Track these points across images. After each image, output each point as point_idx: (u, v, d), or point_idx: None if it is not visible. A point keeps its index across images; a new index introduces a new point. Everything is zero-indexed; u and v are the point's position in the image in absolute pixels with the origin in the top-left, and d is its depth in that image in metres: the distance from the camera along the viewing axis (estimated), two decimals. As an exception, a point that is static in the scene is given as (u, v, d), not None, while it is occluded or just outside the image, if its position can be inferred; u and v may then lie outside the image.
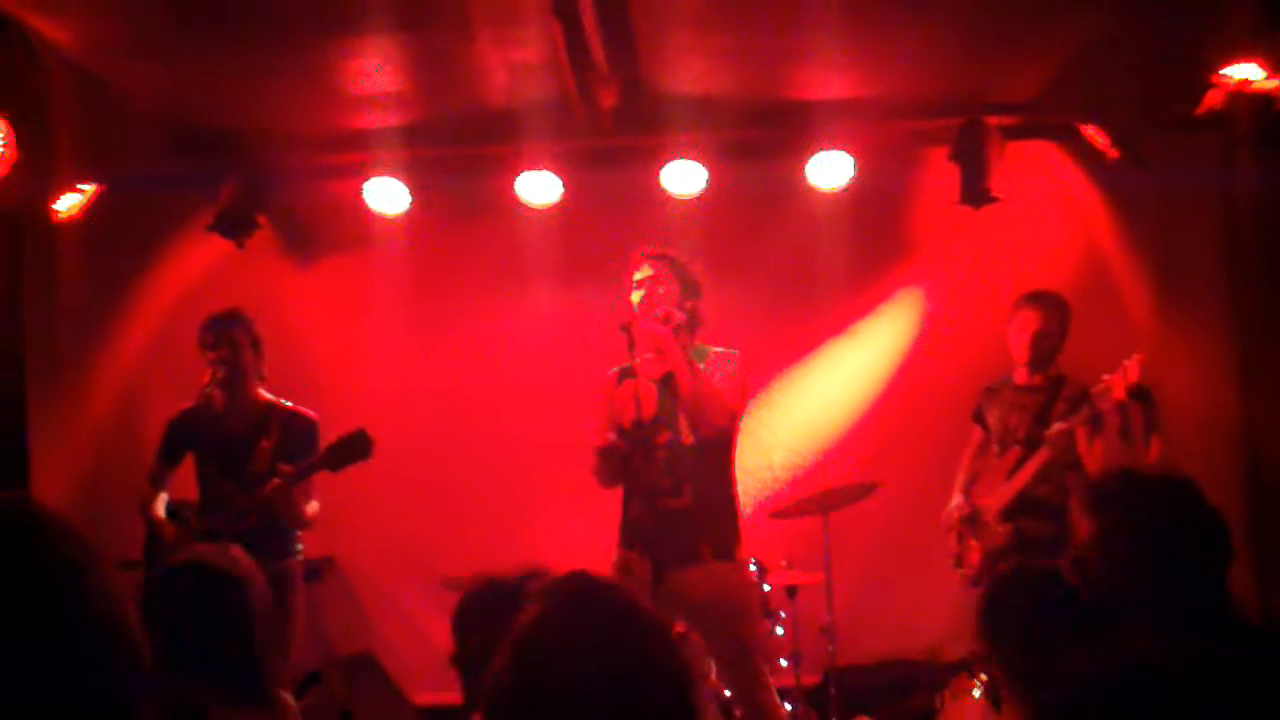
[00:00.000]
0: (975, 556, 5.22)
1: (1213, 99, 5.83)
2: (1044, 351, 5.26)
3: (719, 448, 4.60)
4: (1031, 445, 5.15)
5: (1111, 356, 5.95)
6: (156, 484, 5.10)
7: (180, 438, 5.15)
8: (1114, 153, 6.30)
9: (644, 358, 4.58)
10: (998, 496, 5.21)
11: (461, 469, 6.75)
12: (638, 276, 4.67)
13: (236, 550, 2.99)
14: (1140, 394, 4.88)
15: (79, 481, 6.42)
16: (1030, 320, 5.27)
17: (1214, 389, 6.43)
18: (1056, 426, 5.07)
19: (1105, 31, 5.64)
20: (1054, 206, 6.85)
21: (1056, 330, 5.28)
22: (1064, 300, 5.35)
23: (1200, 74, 5.79)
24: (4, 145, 5.34)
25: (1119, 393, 4.86)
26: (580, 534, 5.39)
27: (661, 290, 4.60)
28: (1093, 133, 6.40)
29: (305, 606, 5.15)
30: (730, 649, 4.54)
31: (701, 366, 4.57)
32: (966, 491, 5.38)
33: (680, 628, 5.03)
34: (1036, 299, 5.31)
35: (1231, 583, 2.58)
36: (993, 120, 6.41)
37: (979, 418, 5.42)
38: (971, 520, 5.29)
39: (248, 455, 4.97)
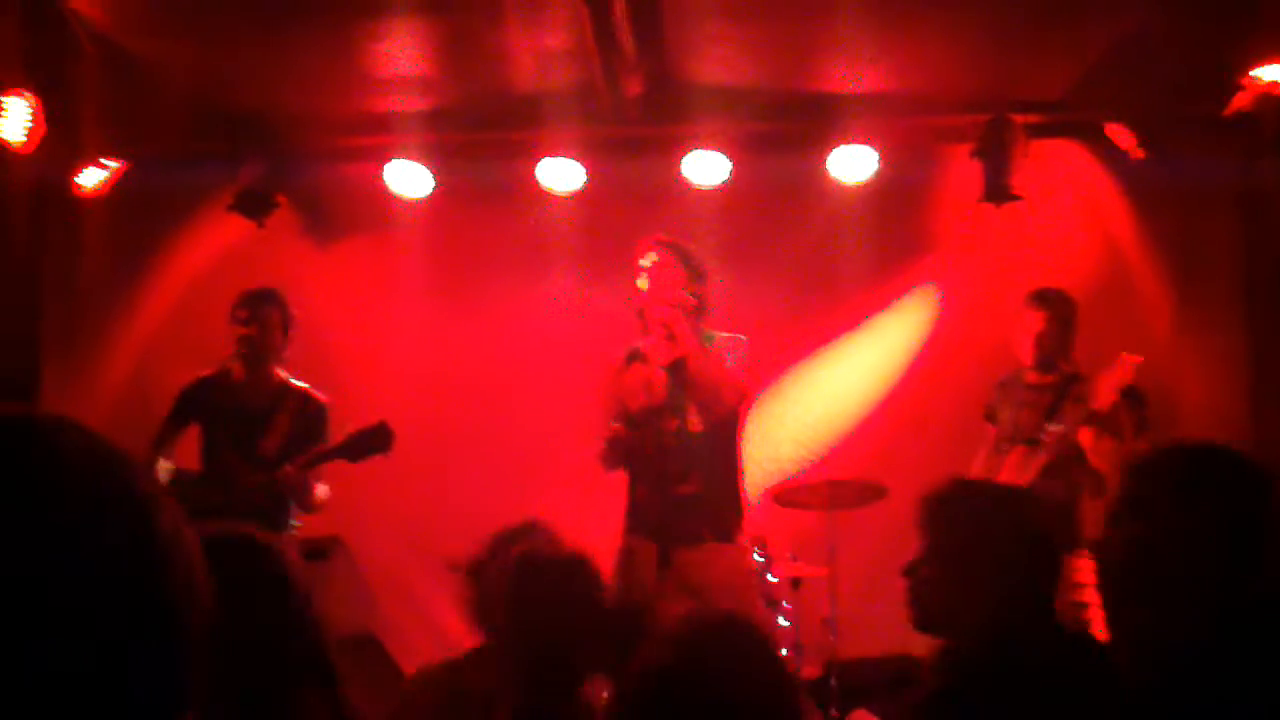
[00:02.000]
0: None
1: (1240, 100, 5.79)
2: (1048, 351, 5.22)
3: (726, 434, 4.64)
4: (1037, 444, 5.13)
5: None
6: (159, 447, 5.04)
7: (192, 404, 5.14)
8: (1138, 153, 6.27)
9: (654, 343, 4.63)
10: None
11: (472, 452, 6.75)
12: (644, 263, 4.73)
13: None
14: (1130, 394, 4.85)
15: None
16: (1034, 320, 5.23)
17: (1226, 393, 6.39)
18: (1050, 429, 5.05)
19: (1134, 30, 5.61)
20: (1075, 206, 6.81)
21: (1059, 329, 5.22)
22: (1068, 297, 5.30)
23: (1228, 75, 5.75)
24: (31, 120, 5.37)
25: (1110, 393, 4.84)
26: (589, 519, 5.40)
27: (666, 276, 4.64)
28: (1117, 132, 6.37)
29: None
30: None
31: (711, 349, 4.62)
32: None
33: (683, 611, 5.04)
34: (1040, 298, 5.27)
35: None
36: (1018, 118, 6.38)
37: (991, 415, 5.38)
38: None
39: (260, 433, 5.00)
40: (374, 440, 4.70)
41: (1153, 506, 2.15)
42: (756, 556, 5.52)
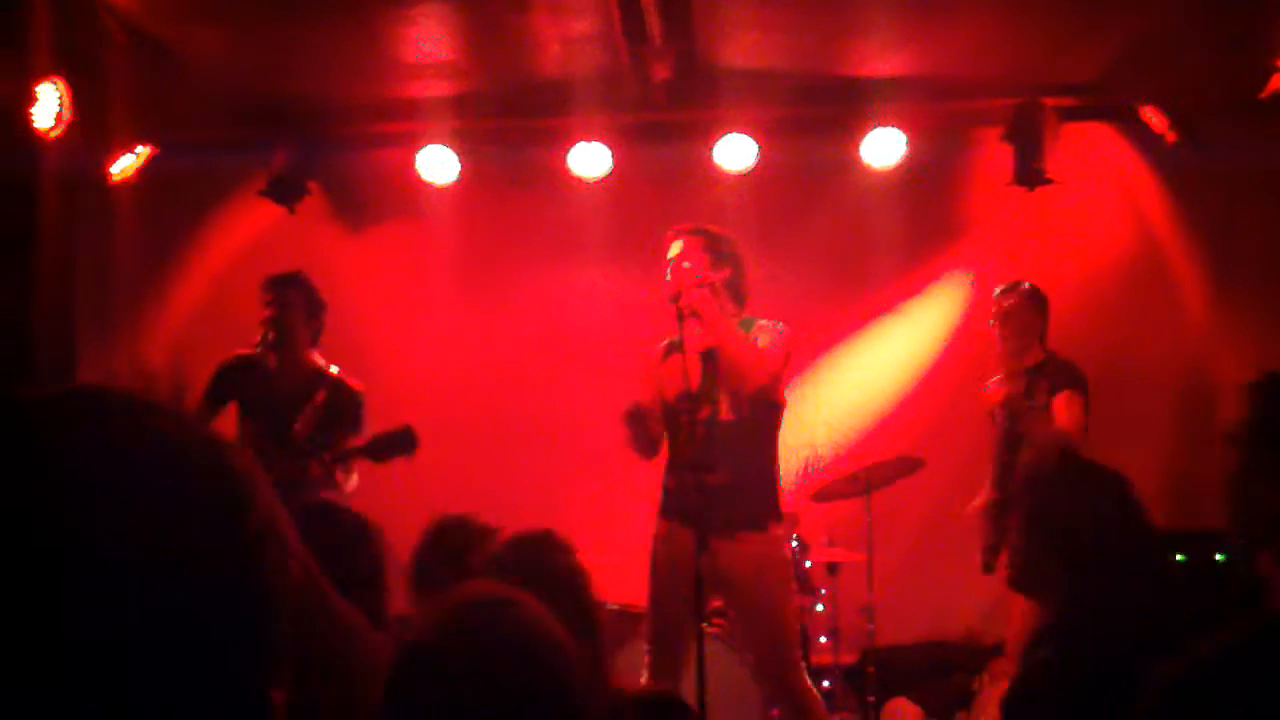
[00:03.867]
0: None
1: (1277, 82, 5.72)
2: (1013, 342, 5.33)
3: (759, 423, 4.61)
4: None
5: (1163, 341, 5.88)
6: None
7: (228, 383, 5.16)
8: (1173, 135, 6.21)
9: (690, 332, 4.62)
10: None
11: (504, 437, 6.75)
12: (670, 255, 4.71)
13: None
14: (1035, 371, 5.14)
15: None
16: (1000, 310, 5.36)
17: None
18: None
19: (1168, 12, 5.56)
20: (1109, 189, 6.77)
21: (1019, 320, 5.34)
22: (1030, 289, 5.40)
23: (1265, 56, 5.68)
24: (61, 107, 5.39)
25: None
26: (622, 507, 5.40)
27: (688, 265, 4.63)
28: (1151, 115, 6.31)
29: None
30: (760, 625, 4.55)
31: (745, 334, 4.61)
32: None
33: (717, 603, 5.05)
34: (1004, 291, 5.41)
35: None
36: (1050, 101, 6.33)
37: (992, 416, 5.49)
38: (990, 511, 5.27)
39: (292, 417, 5.01)
40: (398, 443, 4.68)
41: None
42: (791, 543, 5.51)
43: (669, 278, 4.67)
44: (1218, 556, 5.15)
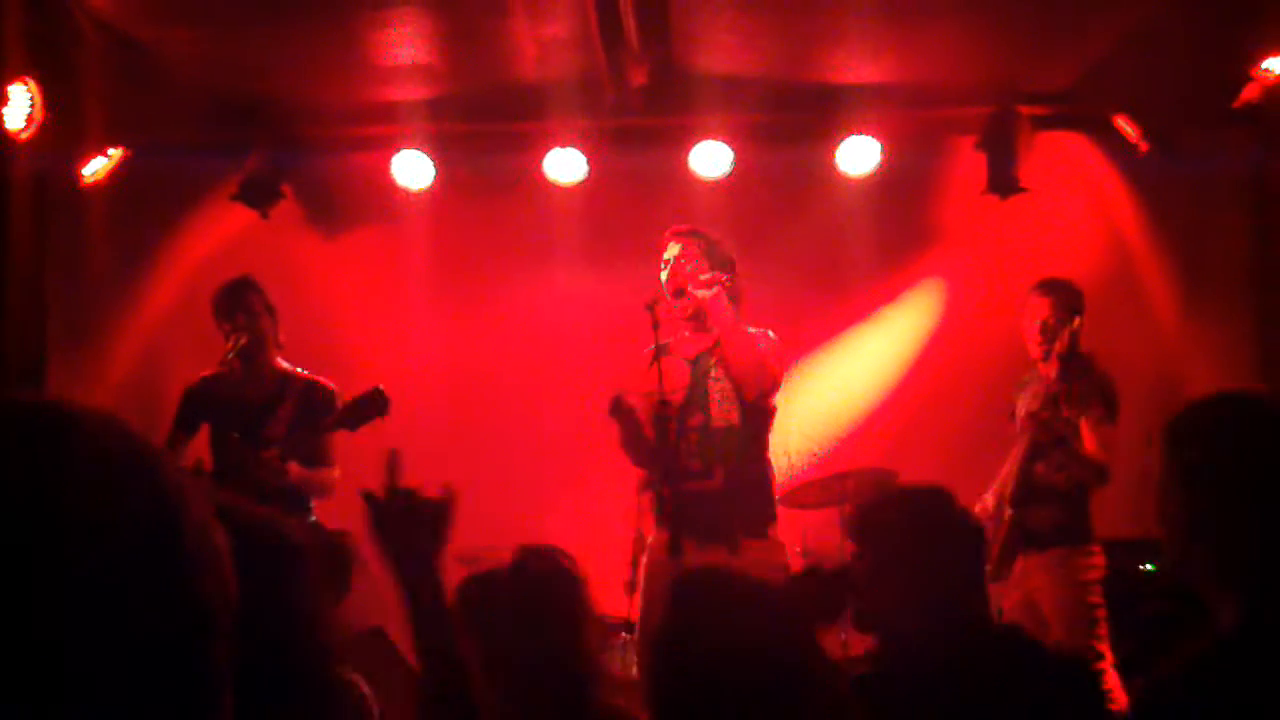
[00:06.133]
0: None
1: (1250, 92, 5.77)
2: (1053, 339, 5.14)
3: (753, 430, 4.55)
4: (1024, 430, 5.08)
5: (1134, 350, 5.89)
6: (169, 451, 5.06)
7: (196, 405, 5.13)
8: (1145, 145, 6.26)
9: (679, 335, 4.58)
10: (1001, 484, 5.12)
11: (481, 445, 6.71)
12: (666, 256, 4.65)
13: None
14: (1067, 358, 4.79)
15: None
16: (1038, 309, 5.15)
17: (1235, 385, 6.38)
18: (1017, 409, 5.05)
19: (1143, 23, 5.60)
20: (1082, 198, 6.81)
21: (1065, 317, 5.05)
22: (1074, 286, 5.19)
23: (1238, 67, 5.73)
24: (33, 107, 5.34)
25: (1053, 361, 4.84)
26: (601, 513, 5.39)
27: (688, 267, 4.58)
28: (1124, 124, 6.35)
29: None
30: None
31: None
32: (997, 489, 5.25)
33: None
34: (1044, 287, 5.20)
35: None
36: (1023, 109, 6.37)
37: (1011, 414, 5.31)
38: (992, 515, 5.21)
39: (265, 422, 4.97)
40: (370, 406, 4.58)
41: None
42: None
43: (666, 277, 4.62)
44: (1147, 566, 5.14)
